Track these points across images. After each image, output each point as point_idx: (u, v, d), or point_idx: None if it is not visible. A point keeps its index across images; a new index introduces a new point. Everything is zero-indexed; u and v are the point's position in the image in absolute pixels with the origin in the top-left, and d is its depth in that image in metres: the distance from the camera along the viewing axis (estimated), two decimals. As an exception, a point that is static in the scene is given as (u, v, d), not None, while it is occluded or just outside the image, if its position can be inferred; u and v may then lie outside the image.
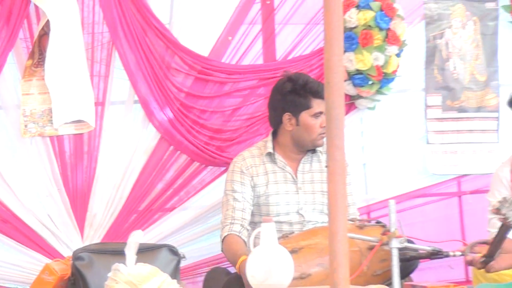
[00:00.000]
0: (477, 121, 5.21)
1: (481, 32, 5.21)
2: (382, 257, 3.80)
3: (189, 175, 4.80)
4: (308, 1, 4.93)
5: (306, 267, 3.74)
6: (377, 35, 4.85)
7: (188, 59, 4.73)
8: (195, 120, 4.77)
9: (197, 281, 4.73)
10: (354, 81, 4.90)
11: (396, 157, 5.18)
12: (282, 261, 2.84)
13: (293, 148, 4.32)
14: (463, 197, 5.26)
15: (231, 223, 4.18)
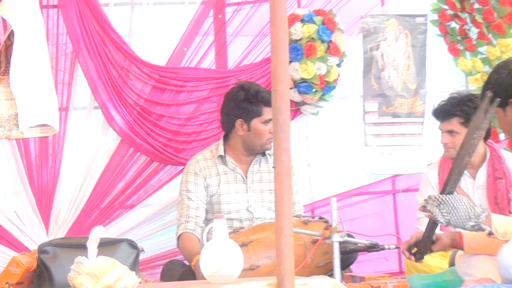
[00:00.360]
0: (408, 126, 5.25)
1: (412, 44, 5.24)
2: (325, 250, 3.83)
3: (148, 174, 4.78)
4: (257, 15, 4.93)
5: (255, 260, 3.75)
6: (319, 47, 4.87)
7: (145, 68, 4.71)
8: (154, 123, 4.75)
9: (155, 273, 4.71)
10: (299, 89, 4.92)
11: (338, 158, 5.20)
12: (232, 254, 2.84)
13: (244, 151, 4.32)
14: (396, 194, 5.29)
15: (186, 221, 4.17)
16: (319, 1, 5.03)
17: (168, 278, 4.20)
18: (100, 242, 2.72)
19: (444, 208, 3.21)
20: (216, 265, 2.80)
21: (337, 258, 3.69)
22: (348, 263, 4.16)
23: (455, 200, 3.20)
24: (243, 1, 4.93)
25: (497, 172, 4.35)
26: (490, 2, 5.02)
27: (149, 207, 4.80)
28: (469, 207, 3.19)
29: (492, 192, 4.34)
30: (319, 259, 3.88)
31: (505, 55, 4.92)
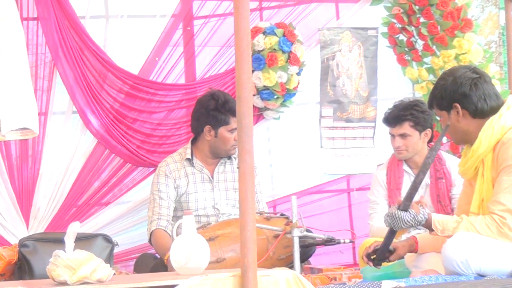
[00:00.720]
0: (360, 130, 5.27)
1: (364, 55, 5.27)
2: (286, 244, 3.83)
3: (122, 174, 4.76)
4: (223, 27, 4.93)
5: (222, 253, 3.75)
6: (281, 57, 4.88)
7: (120, 76, 4.69)
8: (129, 126, 4.73)
9: (128, 265, 4.68)
10: (262, 96, 4.93)
11: (297, 159, 5.20)
12: (200, 247, 2.83)
13: (210, 154, 4.32)
14: (351, 193, 5.30)
15: (158, 218, 4.16)
16: (280, 15, 5.05)
17: (141, 270, 4.18)
18: (77, 237, 2.71)
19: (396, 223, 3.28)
20: (185, 258, 2.79)
21: (297, 251, 3.70)
22: (307, 256, 4.17)
23: (403, 217, 3.26)
24: (210, 15, 4.92)
25: (438, 172, 4.42)
26: (434, 16, 5.06)
27: (123, 204, 4.77)
28: (413, 222, 3.26)
29: (435, 191, 4.40)
30: (281, 252, 3.88)
31: (448, 65, 4.97)
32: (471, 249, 3.12)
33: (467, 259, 3.10)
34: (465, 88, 3.33)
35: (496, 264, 3.13)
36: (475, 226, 3.19)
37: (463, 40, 5.00)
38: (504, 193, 3.18)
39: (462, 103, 3.34)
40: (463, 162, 3.42)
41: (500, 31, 5.33)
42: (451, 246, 3.15)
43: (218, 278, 2.56)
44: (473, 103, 3.33)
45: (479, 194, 3.34)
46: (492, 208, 3.20)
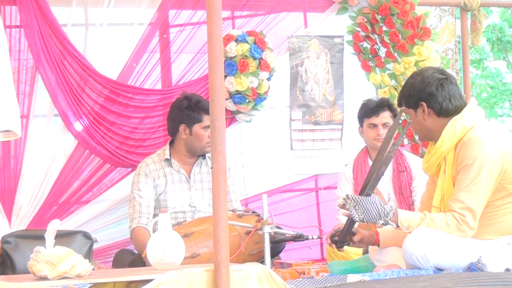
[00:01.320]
0: (327, 132, 5.28)
1: (331, 61, 5.28)
2: (257, 240, 3.83)
3: (101, 174, 4.73)
4: (197, 35, 4.92)
5: (196, 248, 3.75)
6: (252, 63, 4.89)
7: (100, 81, 4.67)
8: (108, 128, 4.70)
9: (107, 261, 4.65)
10: (234, 100, 4.93)
11: (268, 160, 5.21)
12: (175, 243, 2.83)
13: (186, 153, 4.32)
14: (319, 192, 5.31)
15: (139, 216, 4.16)
16: (251, 23, 5.06)
17: (119, 265, 4.17)
18: (57, 234, 2.70)
19: (359, 208, 3.28)
20: (161, 254, 2.79)
21: (268, 247, 3.70)
22: (277, 251, 4.19)
23: (368, 201, 3.27)
24: (185, 23, 4.91)
25: (400, 166, 4.49)
26: (396, 25, 5.10)
27: (102, 202, 4.75)
28: (380, 207, 3.26)
29: (397, 183, 4.46)
30: (252, 247, 3.89)
31: (408, 71, 5.01)
32: (430, 244, 3.15)
33: (426, 253, 3.14)
34: (432, 88, 3.37)
35: (453, 259, 3.17)
36: (436, 223, 3.22)
37: (422, 48, 5.05)
38: (464, 192, 3.21)
39: (428, 102, 3.38)
40: (427, 159, 3.45)
41: (456, 39, 5.39)
42: (411, 241, 3.18)
43: (193, 272, 2.56)
44: (439, 103, 3.37)
45: (440, 190, 3.38)
46: (452, 206, 3.23)
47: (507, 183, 3.26)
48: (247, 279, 2.62)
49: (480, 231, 3.25)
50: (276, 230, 3.78)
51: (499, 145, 3.26)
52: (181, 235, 2.96)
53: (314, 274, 3.40)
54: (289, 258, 4.46)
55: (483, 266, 3.12)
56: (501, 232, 3.27)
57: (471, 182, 3.20)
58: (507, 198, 3.28)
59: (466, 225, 3.20)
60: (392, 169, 4.49)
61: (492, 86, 15.90)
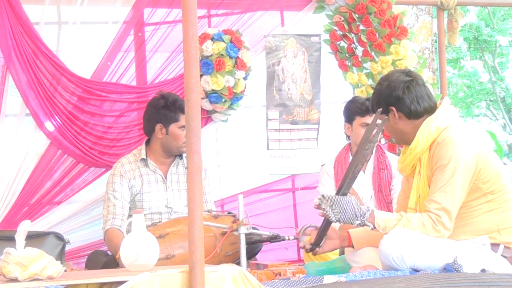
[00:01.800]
0: (304, 131, 5.28)
1: (308, 60, 5.29)
2: (233, 241, 3.83)
3: (74, 174, 4.70)
4: (173, 34, 4.91)
5: (171, 250, 3.73)
6: (228, 62, 4.88)
7: (73, 80, 4.64)
8: (81, 127, 4.67)
9: (80, 262, 4.62)
10: (210, 99, 4.92)
11: (244, 160, 5.20)
12: (149, 244, 2.82)
13: (163, 153, 4.31)
14: (296, 192, 5.31)
15: (113, 217, 4.14)
16: (227, 22, 5.05)
17: (92, 267, 4.14)
18: (29, 235, 2.68)
19: (336, 208, 3.28)
20: (135, 255, 2.78)
21: (244, 248, 3.70)
22: (254, 252, 4.18)
23: (344, 201, 3.27)
24: (160, 22, 4.90)
25: (381, 164, 4.53)
26: (373, 24, 5.12)
27: (75, 203, 4.72)
28: (356, 207, 3.27)
29: (377, 181, 4.50)
30: (228, 249, 3.88)
31: (385, 70, 5.03)
32: (406, 245, 3.16)
33: (402, 254, 3.15)
34: (398, 92, 3.39)
35: (429, 260, 3.19)
36: (412, 223, 3.23)
37: (399, 47, 5.07)
38: (439, 192, 3.24)
39: (397, 106, 3.40)
40: (402, 160, 3.47)
41: (433, 38, 5.42)
42: (387, 242, 3.19)
43: (167, 274, 2.55)
44: (407, 106, 3.39)
45: (416, 191, 3.39)
46: (428, 207, 3.25)
47: (482, 183, 3.29)
48: (222, 280, 2.62)
49: (456, 231, 3.27)
50: (252, 231, 3.78)
51: (473, 145, 3.29)
52: (155, 236, 2.95)
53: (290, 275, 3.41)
54: (265, 259, 4.45)
55: (459, 267, 3.15)
56: (477, 232, 3.30)
57: (446, 183, 3.23)
58: (482, 198, 3.31)
59: (442, 225, 3.22)
60: (373, 167, 4.52)
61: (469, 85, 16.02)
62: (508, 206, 3.33)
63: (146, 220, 4.02)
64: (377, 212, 3.32)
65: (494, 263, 3.25)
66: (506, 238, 3.31)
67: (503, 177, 3.33)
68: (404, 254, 3.15)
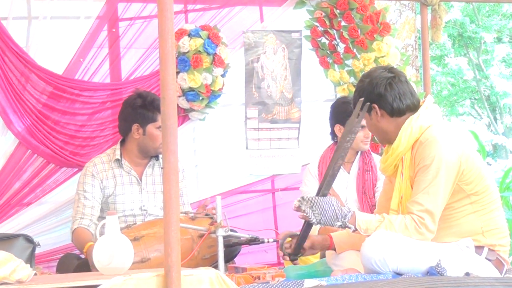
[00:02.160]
0: (285, 131, 5.28)
1: (288, 57, 5.30)
2: (210, 244, 3.82)
3: (45, 175, 4.67)
4: (148, 29, 4.89)
5: (146, 253, 3.72)
6: (205, 59, 4.88)
7: (44, 76, 4.61)
8: (52, 127, 4.64)
9: (51, 266, 4.60)
10: (187, 97, 4.91)
11: (222, 160, 5.20)
12: (123, 247, 2.81)
13: (139, 154, 4.29)
14: (276, 193, 5.31)
15: (81, 218, 4.13)
16: (205, 18, 5.05)
17: (63, 270, 4.11)
18: (-4, 237, 2.66)
19: (316, 209, 3.28)
20: (108, 258, 2.77)
21: (221, 251, 3.70)
22: (232, 255, 4.19)
23: (325, 202, 3.28)
24: (135, 17, 4.88)
25: (366, 165, 4.54)
26: (355, 20, 5.14)
27: (46, 204, 4.69)
28: (337, 208, 3.28)
29: (361, 182, 4.51)
30: (205, 251, 3.88)
31: (367, 67, 5.04)
32: (389, 248, 3.17)
33: (384, 257, 3.16)
34: (380, 89, 3.40)
35: (412, 263, 3.20)
36: (394, 226, 3.25)
37: (382, 44, 5.09)
38: (422, 194, 3.25)
39: (379, 104, 3.41)
40: (384, 159, 3.49)
41: (417, 35, 5.45)
42: (369, 244, 3.20)
43: (142, 278, 2.54)
44: (389, 103, 3.40)
45: (398, 192, 3.41)
46: (411, 209, 3.27)
47: (465, 184, 3.30)
48: (199, 284, 2.62)
49: (439, 233, 3.29)
50: (230, 233, 3.77)
51: (456, 145, 3.31)
52: (130, 239, 2.95)
53: (269, 279, 3.42)
54: (244, 263, 4.46)
55: (442, 270, 3.16)
56: (460, 234, 3.32)
57: (430, 184, 3.24)
58: (465, 199, 3.33)
59: (425, 228, 3.23)
60: (358, 168, 4.53)
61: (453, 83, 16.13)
62: (492, 208, 3.35)
63: (120, 223, 4.00)
64: (358, 214, 3.33)
65: (478, 266, 3.27)
66: (490, 240, 3.33)
67: (486, 178, 3.35)
68: (387, 257, 3.16)
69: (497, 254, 3.35)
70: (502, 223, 3.38)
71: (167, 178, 2.58)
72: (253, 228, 4.19)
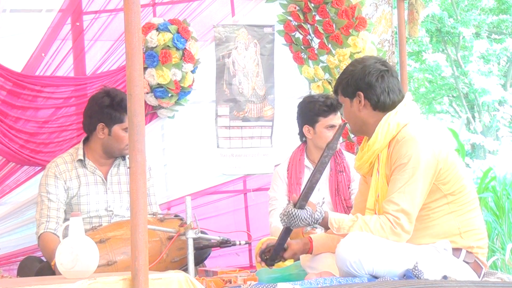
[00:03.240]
0: (257, 129, 5.29)
1: (261, 53, 5.30)
2: (180, 246, 3.83)
3: (4, 174, 4.63)
4: (114, 23, 4.86)
5: (113, 255, 3.72)
6: (175, 54, 4.87)
7: (2, 72, 4.56)
8: (10, 125, 4.60)
9: (12, 269, 4.57)
10: (155, 94, 4.90)
11: (192, 159, 5.19)
12: (88, 250, 2.80)
13: (103, 154, 4.27)
14: (247, 194, 5.32)
15: (47, 221, 4.10)
16: (174, 11, 5.04)
17: (25, 274, 4.09)
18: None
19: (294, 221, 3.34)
20: (72, 261, 2.76)
21: (191, 254, 3.71)
22: (202, 258, 4.19)
23: (302, 213, 3.32)
24: (100, 10, 4.85)
25: (338, 166, 4.57)
26: (330, 15, 5.16)
27: (6, 205, 4.66)
28: (310, 217, 3.33)
29: (334, 183, 4.53)
30: (174, 254, 3.88)
31: (343, 63, 5.07)
32: (364, 249, 3.20)
33: (360, 259, 3.18)
34: (372, 78, 3.43)
35: (389, 265, 3.22)
36: (369, 226, 3.27)
37: (357, 39, 5.12)
38: (398, 193, 3.28)
39: (366, 93, 3.43)
40: (359, 157, 3.51)
41: (393, 30, 5.49)
42: (344, 246, 3.22)
43: (107, 281, 2.54)
44: (376, 95, 3.42)
45: (374, 190, 3.43)
46: (386, 208, 3.29)
47: (442, 183, 3.34)
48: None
49: (416, 234, 3.32)
50: (200, 235, 3.79)
51: (434, 144, 3.34)
52: (95, 241, 2.94)
53: (241, 282, 3.42)
54: (215, 266, 4.47)
55: (419, 273, 3.19)
56: (437, 235, 3.35)
57: (406, 183, 3.27)
58: (442, 199, 3.36)
59: (401, 228, 3.26)
60: (330, 169, 4.55)
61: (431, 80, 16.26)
62: (469, 208, 3.39)
63: (85, 224, 3.97)
64: (331, 213, 3.37)
65: (456, 269, 3.30)
66: (467, 241, 3.36)
67: (463, 178, 3.38)
68: (362, 259, 3.18)
69: (475, 257, 3.38)
70: (479, 224, 3.41)
71: (134, 178, 2.58)
72: (224, 230, 4.19)
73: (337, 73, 5.16)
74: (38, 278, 3.34)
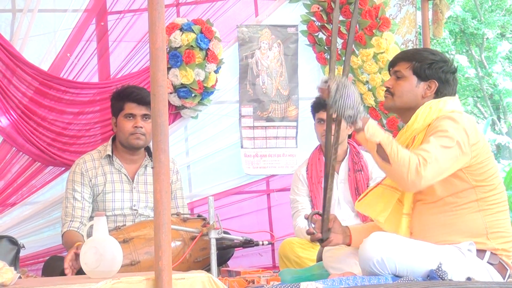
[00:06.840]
0: (281, 129, 5.29)
1: (284, 53, 5.30)
2: (203, 246, 3.83)
3: (30, 174, 4.66)
4: (139, 23, 4.89)
5: (136, 255, 3.72)
6: (198, 54, 4.88)
7: (30, 71, 4.59)
8: (38, 122, 4.63)
9: (37, 269, 4.59)
10: (179, 94, 4.91)
11: (216, 159, 5.20)
12: (112, 250, 2.80)
13: (124, 149, 4.29)
14: (271, 194, 5.31)
15: (71, 220, 4.13)
16: (198, 11, 5.05)
17: (49, 273, 4.10)
18: (-21, 239, 2.65)
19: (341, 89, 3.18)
20: (96, 261, 2.76)
21: (214, 254, 3.70)
22: (225, 258, 4.19)
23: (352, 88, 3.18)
24: (125, 10, 4.88)
25: (356, 165, 4.55)
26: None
27: (31, 205, 4.69)
28: (358, 100, 3.19)
29: (353, 183, 4.52)
30: (197, 254, 3.88)
31: (366, 63, 5.06)
32: (387, 249, 3.16)
33: (383, 258, 3.15)
34: (449, 76, 3.43)
35: (411, 265, 3.18)
36: (400, 152, 3.15)
37: (381, 39, 5.10)
38: (430, 145, 3.19)
39: (440, 86, 3.41)
40: (397, 137, 3.46)
41: (417, 30, 5.45)
42: (367, 245, 3.19)
43: (131, 281, 2.54)
44: (446, 92, 3.41)
45: None
46: (417, 152, 3.20)
47: (472, 174, 3.26)
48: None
49: (440, 230, 3.27)
50: (223, 235, 3.78)
51: (473, 130, 3.27)
52: (119, 241, 2.94)
53: (264, 282, 3.41)
54: (237, 266, 4.47)
55: (443, 273, 3.15)
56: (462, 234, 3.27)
57: (440, 145, 3.16)
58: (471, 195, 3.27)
59: (425, 169, 3.11)
60: (348, 169, 4.54)
61: (455, 81, 16.15)
62: (500, 209, 3.32)
63: (109, 222, 4.01)
64: (371, 120, 3.27)
65: (480, 271, 3.25)
66: (493, 243, 3.31)
67: (497, 176, 3.32)
68: (385, 258, 3.15)
69: (500, 258, 3.34)
70: (508, 227, 3.35)
71: (157, 178, 2.57)
72: (247, 230, 4.19)
73: (360, 73, 5.13)
74: (62, 278, 3.35)
